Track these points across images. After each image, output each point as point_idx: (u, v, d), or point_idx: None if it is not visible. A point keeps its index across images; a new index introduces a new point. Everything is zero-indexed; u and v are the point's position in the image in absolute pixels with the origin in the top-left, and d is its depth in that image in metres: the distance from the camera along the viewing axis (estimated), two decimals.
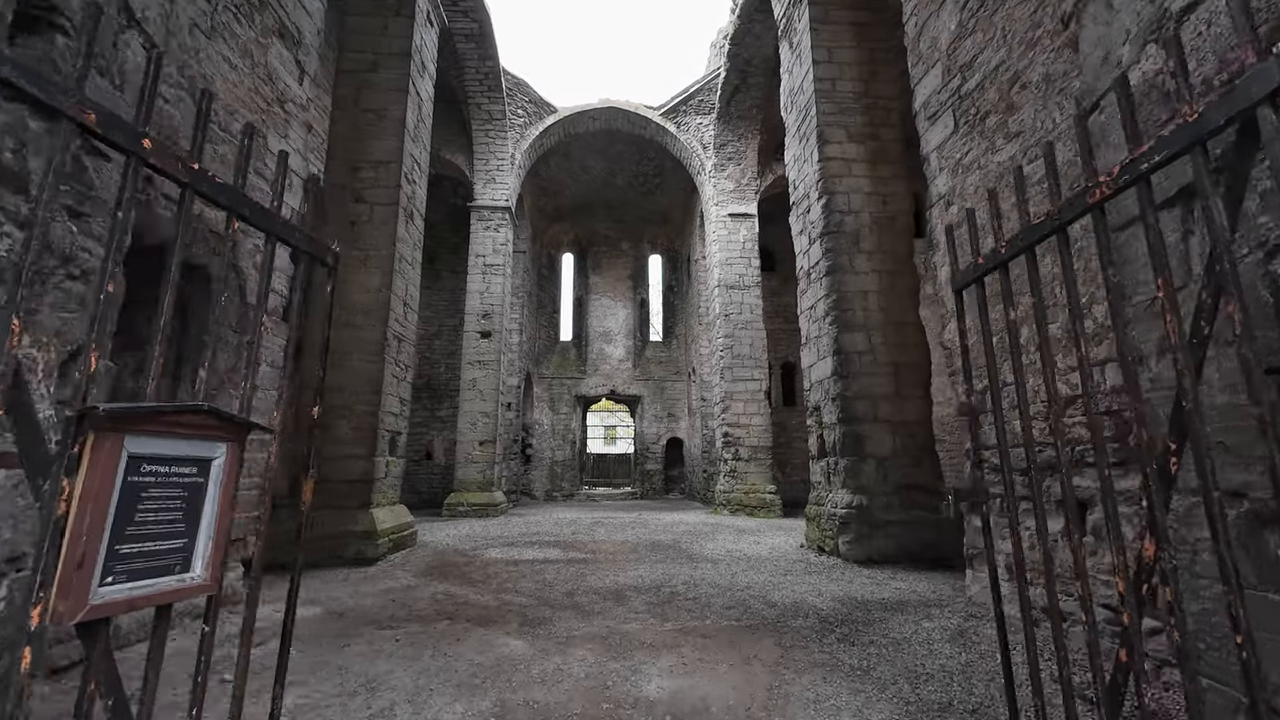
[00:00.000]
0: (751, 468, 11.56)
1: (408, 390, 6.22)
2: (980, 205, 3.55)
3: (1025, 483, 3.23)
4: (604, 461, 20.21)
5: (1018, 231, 1.70)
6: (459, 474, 11.08)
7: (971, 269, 1.92)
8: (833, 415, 5.85)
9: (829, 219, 6.05)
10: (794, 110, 6.99)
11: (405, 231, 6.04)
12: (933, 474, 5.65)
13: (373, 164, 5.95)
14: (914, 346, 5.89)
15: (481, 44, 10.94)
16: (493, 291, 11.87)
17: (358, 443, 5.38)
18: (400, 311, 5.96)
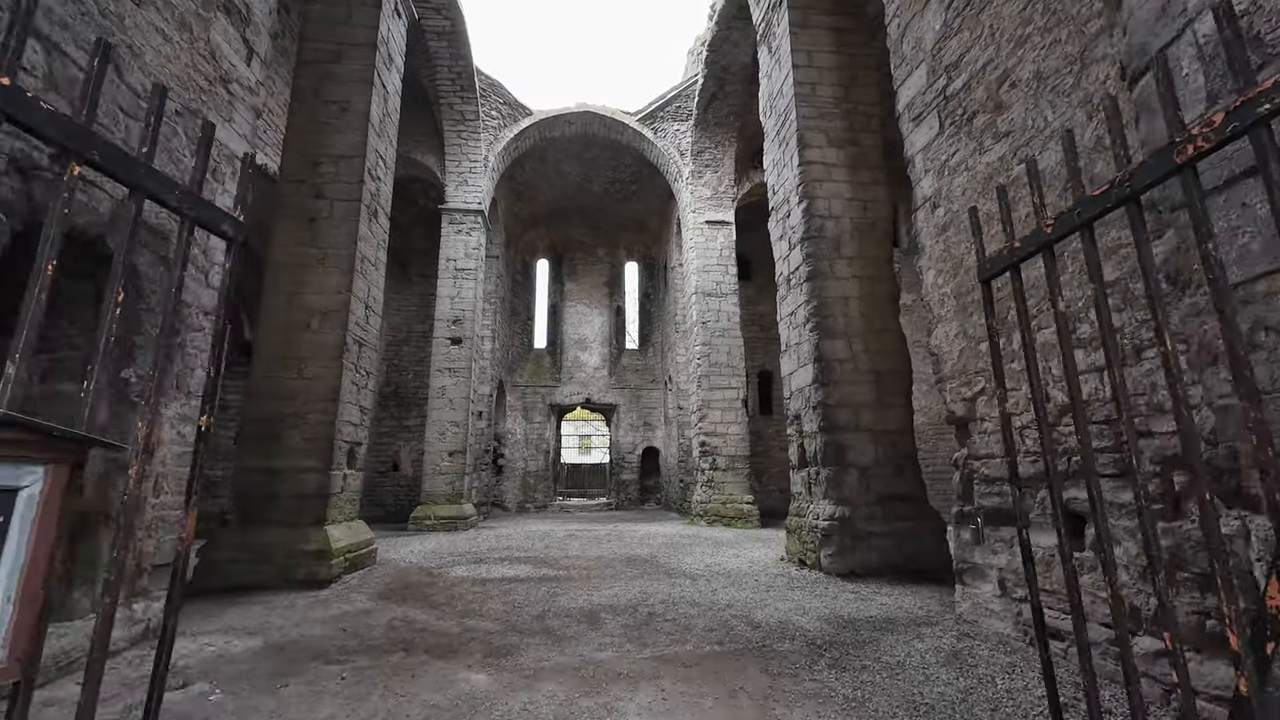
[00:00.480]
0: (729, 477, 11.40)
1: (369, 398, 5.86)
2: (983, 201, 3.42)
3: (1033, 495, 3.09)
4: (579, 472, 19.84)
5: (1070, 206, 1.50)
6: (426, 486, 10.62)
7: (1006, 253, 1.73)
8: (814, 424, 5.70)
9: (809, 224, 5.94)
10: (773, 115, 6.91)
11: (368, 230, 5.70)
12: (915, 484, 5.54)
13: (333, 158, 5.61)
14: (895, 354, 5.80)
15: (454, 42, 10.66)
16: (464, 296, 11.50)
17: (311, 454, 4.99)
18: (361, 315, 5.61)
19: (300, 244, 5.39)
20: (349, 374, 5.33)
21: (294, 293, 5.29)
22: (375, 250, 5.94)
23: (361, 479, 5.77)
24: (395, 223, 14.60)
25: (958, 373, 3.60)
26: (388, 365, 13.94)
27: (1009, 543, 3.16)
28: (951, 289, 3.65)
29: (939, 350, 3.80)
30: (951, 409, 3.65)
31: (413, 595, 4.47)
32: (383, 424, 13.62)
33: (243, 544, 4.70)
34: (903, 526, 5.30)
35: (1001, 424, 1.99)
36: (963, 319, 3.55)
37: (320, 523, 4.89)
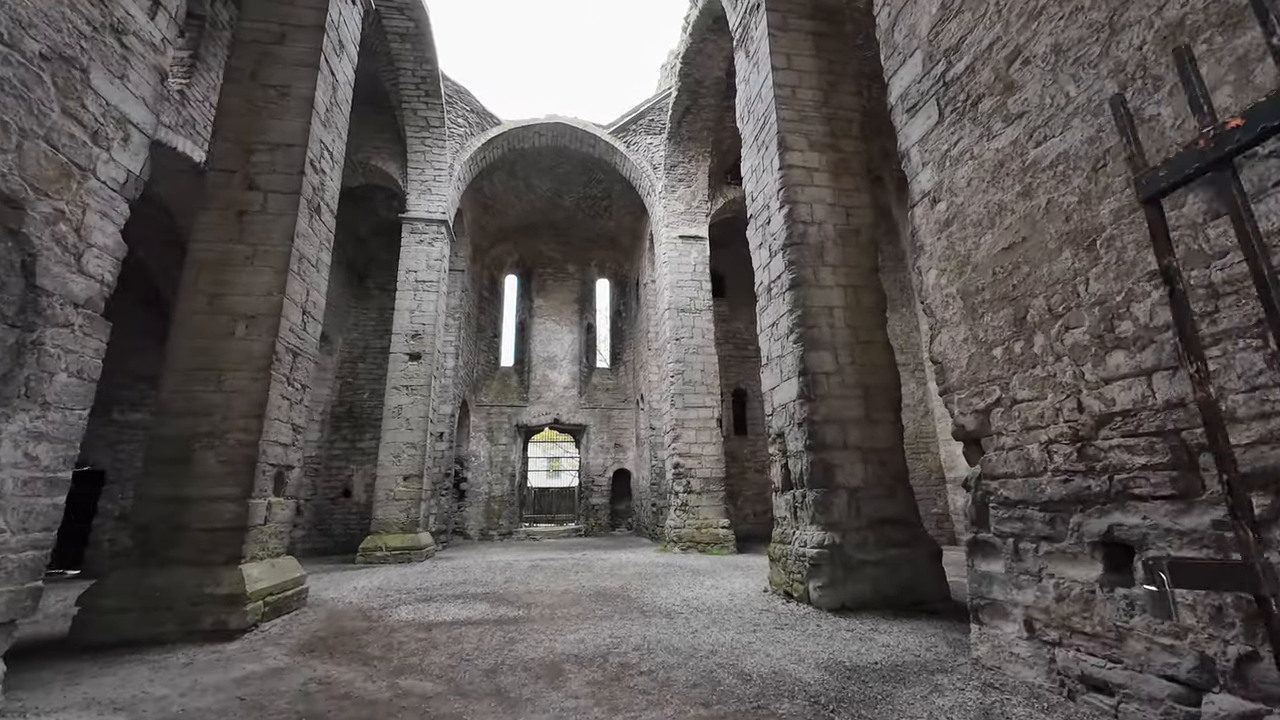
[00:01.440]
0: (704, 500, 10.89)
1: (304, 415, 5.18)
2: (992, 191, 3.09)
3: (1046, 519, 2.70)
4: (546, 496, 19.01)
5: None
6: (378, 514, 9.77)
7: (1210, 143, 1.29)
8: (799, 442, 5.28)
9: (791, 229, 5.61)
10: (751, 120, 6.64)
11: (308, 227, 5.10)
12: (907, 506, 5.15)
13: (270, 146, 5.03)
14: (883, 367, 5.47)
15: (418, 45, 10.22)
16: (424, 310, 10.84)
17: (229, 480, 4.29)
18: (297, 320, 4.97)
19: (227, 240, 4.75)
20: (279, 387, 4.67)
21: (216, 294, 4.63)
22: (318, 250, 5.33)
23: (292, 508, 5.05)
24: (354, 233, 13.88)
25: (966, 382, 3.22)
26: (342, 383, 13.07)
27: (1036, 576, 2.74)
28: (957, 289, 3.30)
29: (943, 358, 3.43)
30: (960, 423, 3.26)
31: (341, 646, 3.79)
32: (335, 446, 12.68)
33: (138, 589, 3.95)
34: (896, 554, 4.88)
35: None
36: (971, 322, 3.18)
37: (235, 560, 4.17)
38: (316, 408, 12.48)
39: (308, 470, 12.02)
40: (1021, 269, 2.86)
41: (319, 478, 12.24)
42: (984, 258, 3.11)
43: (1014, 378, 2.89)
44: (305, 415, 5.22)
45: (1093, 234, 2.49)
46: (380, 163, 11.54)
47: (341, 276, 13.45)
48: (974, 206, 3.19)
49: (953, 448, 11.38)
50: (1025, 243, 2.85)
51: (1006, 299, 2.95)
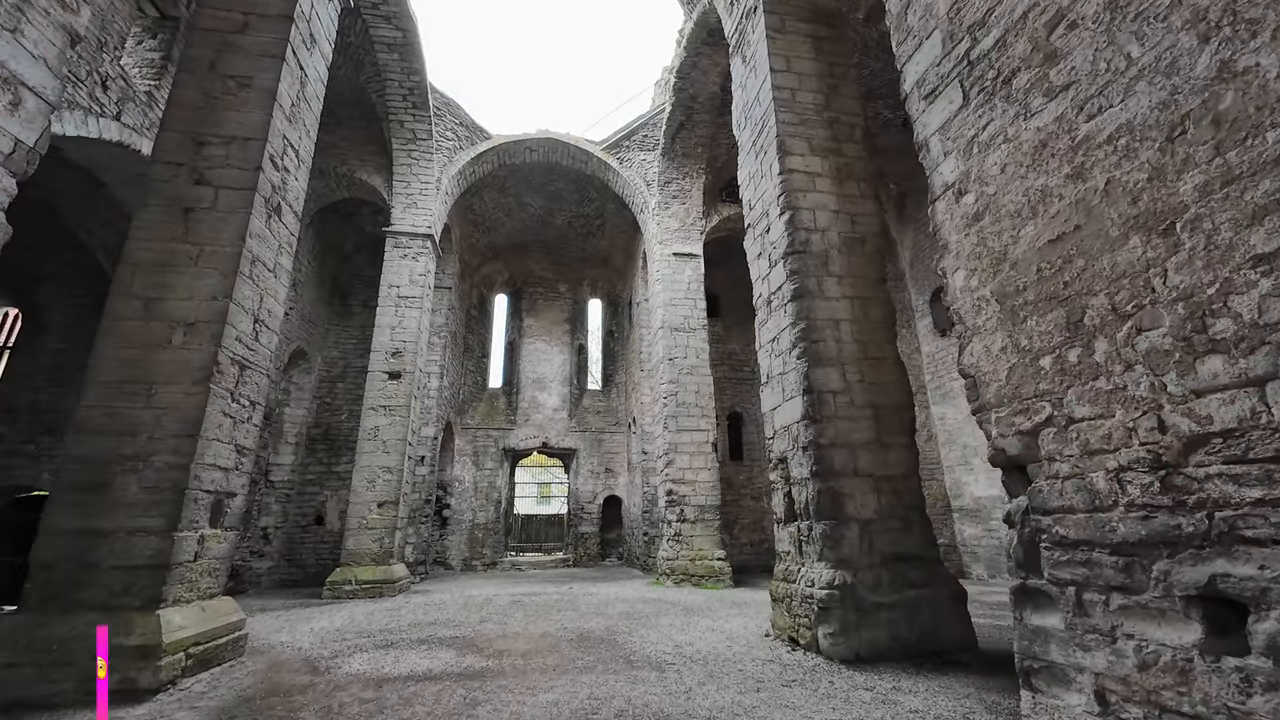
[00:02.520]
0: (698, 530, 10.28)
1: (252, 436, 4.62)
2: (1033, 176, 2.66)
3: (1119, 565, 2.21)
4: (533, 523, 18.25)
5: None
6: (349, 544, 9.10)
7: None
8: (804, 468, 4.77)
9: (793, 237, 5.21)
10: (748, 125, 6.31)
11: (265, 227, 4.64)
12: (924, 540, 4.63)
13: (225, 140, 4.59)
14: (894, 385, 5.00)
15: (406, 55, 9.96)
16: (406, 326, 10.35)
17: (152, 509, 3.71)
18: (247, 329, 4.46)
19: (169, 239, 4.27)
20: (220, 403, 4.13)
21: (153, 298, 4.13)
22: (276, 254, 4.85)
23: (231, 541, 4.45)
24: (338, 249, 13.46)
25: (1006, 398, 2.75)
26: (319, 403, 12.46)
27: (1109, 636, 2.23)
28: (992, 290, 2.85)
29: (975, 370, 2.97)
30: (999, 446, 2.78)
31: (270, 712, 3.18)
32: (309, 470, 12.01)
33: (33, 640, 3.35)
34: (915, 595, 4.34)
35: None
36: (1011, 327, 2.73)
37: (153, 604, 3.57)
38: (291, 429, 11.86)
39: (278, 496, 11.34)
40: (1074, 263, 2.42)
41: (290, 504, 11.54)
42: (1025, 253, 2.67)
43: (1069, 391, 2.42)
44: (255, 436, 4.67)
45: (1170, 215, 2.06)
46: (365, 175, 11.19)
47: (323, 293, 12.99)
48: (1010, 195, 2.77)
49: (959, 474, 10.88)
50: (1078, 232, 2.42)
51: (1055, 299, 2.51)
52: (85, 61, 6.21)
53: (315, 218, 12.17)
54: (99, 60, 6.38)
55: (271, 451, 11.38)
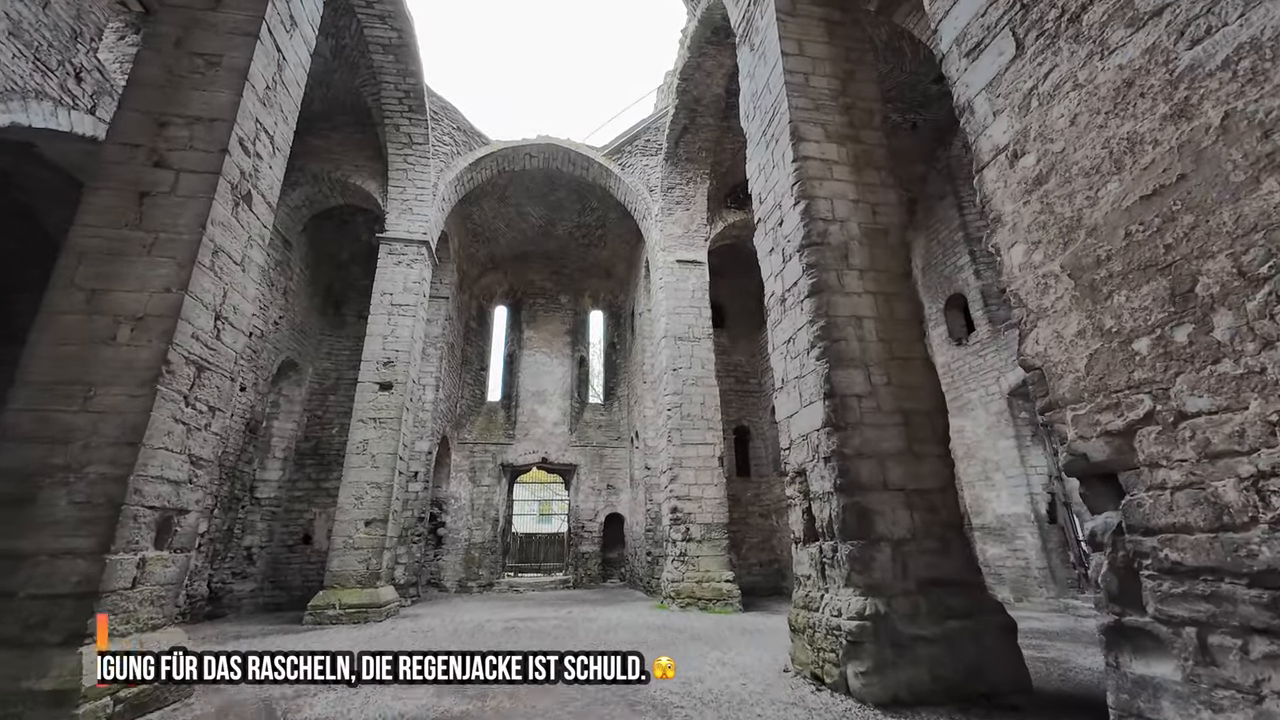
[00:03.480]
0: (704, 550, 9.70)
1: (210, 445, 4.15)
2: (1117, 122, 2.21)
3: (1262, 601, 1.70)
4: (532, 543, 17.62)
5: None
6: (334, 564, 8.56)
7: None
8: (826, 481, 4.27)
9: (809, 228, 4.77)
10: (757, 115, 5.93)
11: (231, 216, 4.23)
12: (964, 563, 4.10)
13: (189, 120, 4.21)
14: (924, 389, 4.52)
15: (402, 56, 9.70)
16: (399, 335, 9.92)
17: (82, 528, 3.23)
18: (206, 326, 4.02)
19: (119, 225, 3.85)
20: (170, 407, 3.67)
21: (98, 290, 3.70)
22: (244, 246, 4.43)
23: (183, 564, 3.96)
24: (333, 257, 13.12)
25: (1088, 392, 2.27)
26: (309, 416, 11.99)
27: (1253, 694, 1.72)
28: (1063, 264, 2.39)
29: (1042, 360, 2.49)
30: (1080, 450, 2.29)
31: None
32: (297, 486, 11.49)
33: None
34: (957, 627, 3.80)
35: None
36: (1091, 305, 2.26)
37: (76, 639, 3.07)
38: (279, 444, 11.39)
39: (263, 514, 10.81)
40: (1180, 220, 1.96)
41: (276, 522, 11.00)
42: (1107, 215, 2.22)
43: (1178, 379, 1.94)
44: (214, 446, 4.20)
45: None
46: (360, 181, 10.87)
47: (317, 303, 12.61)
48: (1084, 150, 2.33)
49: (980, 490, 10.30)
50: (1183, 183, 1.96)
51: (1153, 267, 2.04)
52: (56, 51, 5.88)
53: (309, 225, 11.85)
54: (73, 50, 6.07)
55: (258, 467, 10.89)
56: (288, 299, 11.09)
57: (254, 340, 9.77)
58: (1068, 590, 8.78)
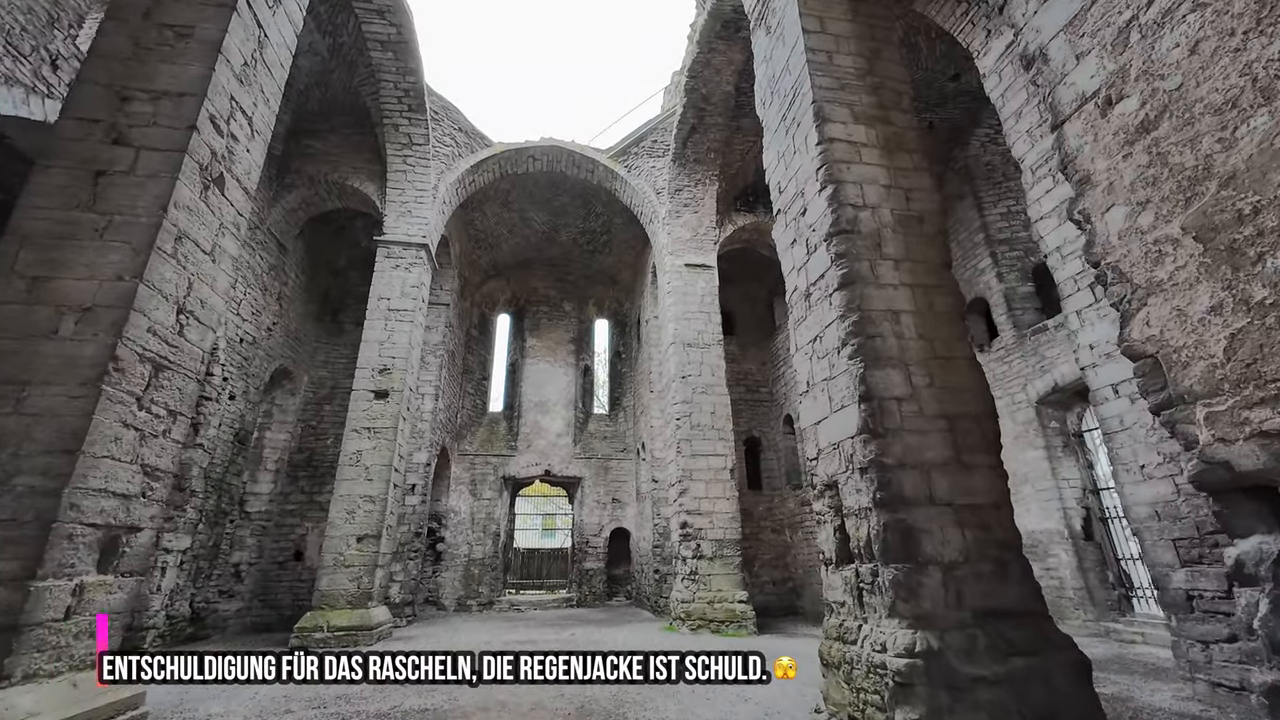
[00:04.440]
0: (716, 568, 9.15)
1: (169, 454, 3.70)
2: (1264, 40, 1.76)
3: None
4: (535, 559, 17.03)
5: None
6: (322, 583, 8.05)
7: None
8: (863, 495, 3.77)
9: (838, 214, 4.33)
10: (775, 100, 5.52)
11: (199, 200, 3.82)
12: (1026, 591, 3.58)
13: (155, 94, 3.82)
14: (970, 392, 4.03)
15: (401, 54, 9.40)
16: (396, 342, 9.50)
17: (4, 549, 2.77)
18: (166, 320, 3.59)
19: (70, 206, 3.44)
20: (118, 409, 3.23)
21: (42, 277, 3.28)
22: (215, 234, 4.02)
23: (130, 591, 3.48)
24: (330, 263, 12.77)
25: (1230, 382, 1.79)
26: (303, 427, 11.55)
27: None
28: (1186, 224, 1.92)
29: (1159, 346, 2.02)
30: (1218, 457, 1.80)
31: None
32: (289, 500, 11.01)
33: None
34: (1022, 666, 3.27)
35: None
36: (1233, 273, 1.79)
37: None
38: (271, 455, 10.94)
39: (253, 529, 10.33)
40: None
41: (266, 537, 10.52)
42: (1253, 158, 1.75)
43: None
44: (174, 455, 3.74)
45: None
46: (358, 183, 10.53)
47: (313, 309, 12.24)
48: (1211, 83, 1.87)
49: None
50: None
51: None
52: (31, 36, 5.55)
53: (306, 229, 11.51)
54: (49, 36, 5.74)
55: (248, 479, 10.43)
56: (282, 305, 10.71)
57: (245, 347, 9.38)
58: (1107, 613, 8.17)
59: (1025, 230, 10.44)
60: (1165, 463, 4.72)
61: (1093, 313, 5.41)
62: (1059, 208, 5.73)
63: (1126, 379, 5.01)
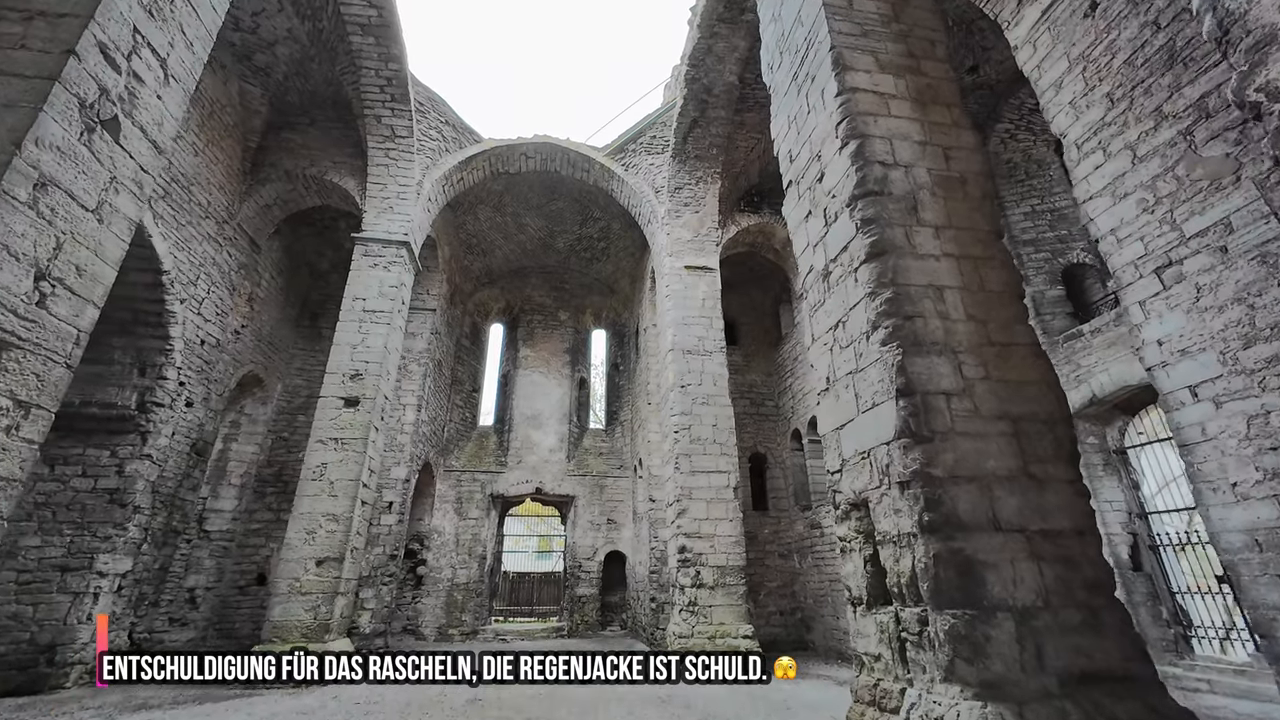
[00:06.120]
0: (718, 598, 8.22)
1: (16, 459, 2.90)
2: None
3: None
4: (525, 583, 16.01)
5: None
6: (275, 613, 7.17)
7: None
8: (904, 517, 2.93)
9: (864, 173, 3.57)
10: (784, 60, 4.82)
11: (78, 144, 3.09)
12: (1126, 646, 2.71)
13: (27, 14, 3.11)
14: (1036, 385, 3.21)
15: (383, 39, 8.83)
16: (370, 345, 8.74)
17: None
18: (15, 286, 2.83)
19: None
20: None
21: None
22: (103, 190, 3.28)
23: None
24: (311, 266, 12.09)
25: None
26: (274, 438, 10.75)
27: None
28: None
29: None
30: None
31: None
32: (254, 518, 10.16)
33: None
34: None
35: None
36: None
37: None
38: (237, 469, 10.13)
39: (213, 550, 9.47)
40: None
41: (227, 558, 9.64)
42: None
43: None
44: (27, 459, 2.94)
45: None
46: (338, 178, 9.90)
47: (291, 314, 11.54)
48: None
49: None
50: None
51: None
52: None
53: (285, 229, 10.88)
54: None
55: (210, 495, 9.61)
56: (253, 307, 10.00)
57: (207, 349, 8.64)
58: (1163, 655, 7.17)
59: (1052, 230, 9.70)
60: (1267, 479, 3.85)
61: (1160, 302, 4.59)
62: (1112, 185, 4.96)
63: (1209, 378, 4.18)
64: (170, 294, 7.70)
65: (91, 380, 7.53)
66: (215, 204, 8.64)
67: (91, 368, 7.60)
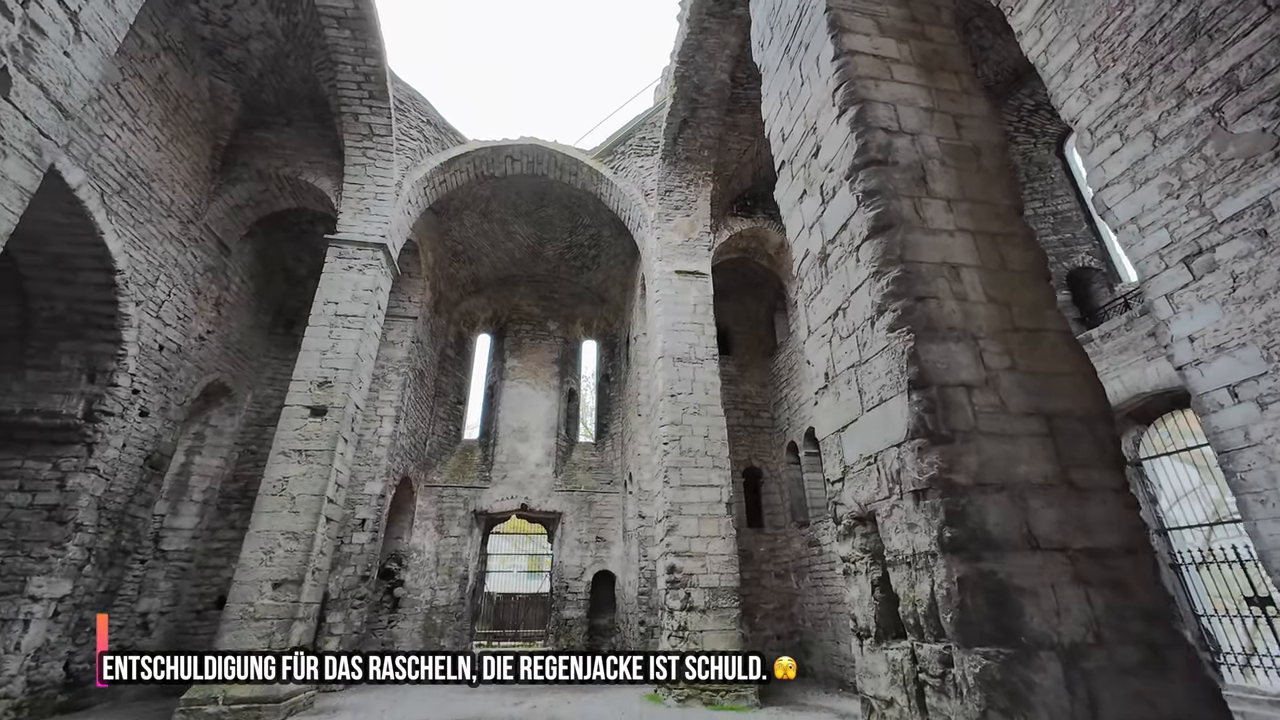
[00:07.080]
0: (709, 622, 7.64)
1: None
2: None
3: None
4: (510, 605, 15.28)
5: None
6: (225, 641, 6.55)
7: None
8: (921, 532, 2.45)
9: (866, 140, 3.15)
10: (776, 34, 4.45)
11: None
12: (1197, 694, 2.21)
13: None
14: (1069, 378, 2.76)
15: (360, 32, 8.49)
16: (341, 352, 8.25)
17: None
18: None
19: None
20: None
21: None
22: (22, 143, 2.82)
23: None
24: (288, 271, 11.62)
25: None
26: (241, 451, 10.17)
27: None
28: None
29: None
30: None
31: None
32: (217, 536, 9.54)
33: None
34: None
35: None
36: None
37: None
38: (200, 484, 9.54)
39: (170, 571, 8.84)
40: None
41: (185, 580, 9.00)
42: None
43: None
44: None
45: None
46: (313, 178, 9.49)
47: (264, 321, 11.04)
48: None
49: None
50: None
51: None
52: None
53: (259, 232, 10.43)
54: None
55: (168, 512, 9.00)
56: (221, 312, 9.51)
57: (166, 355, 8.12)
58: None
59: (1055, 234, 9.36)
60: None
61: (1191, 295, 4.16)
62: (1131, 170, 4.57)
63: (1251, 376, 3.74)
64: (124, 295, 7.20)
65: (35, 387, 7.00)
66: (179, 202, 8.20)
67: (36, 374, 7.08)
